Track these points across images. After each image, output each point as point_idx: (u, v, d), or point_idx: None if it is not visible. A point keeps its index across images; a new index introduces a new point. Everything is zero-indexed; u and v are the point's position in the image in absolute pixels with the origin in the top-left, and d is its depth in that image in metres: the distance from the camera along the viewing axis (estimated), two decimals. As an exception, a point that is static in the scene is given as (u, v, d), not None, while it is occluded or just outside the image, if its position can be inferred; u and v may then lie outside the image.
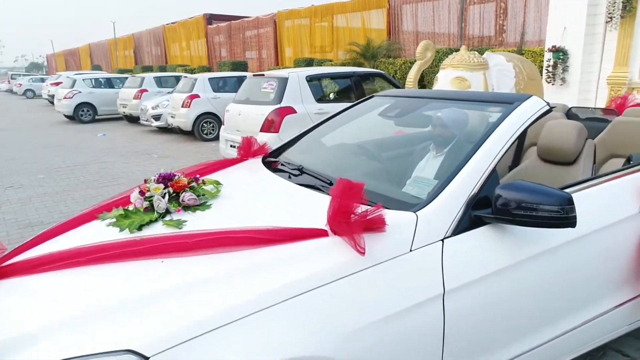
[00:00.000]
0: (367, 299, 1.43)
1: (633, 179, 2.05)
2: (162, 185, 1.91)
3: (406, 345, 1.49)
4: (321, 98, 6.13)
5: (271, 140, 3.38)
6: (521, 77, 5.19)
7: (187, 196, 1.89)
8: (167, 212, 1.86)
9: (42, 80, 28.82)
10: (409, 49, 12.84)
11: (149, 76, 13.94)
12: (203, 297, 1.32)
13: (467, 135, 2.13)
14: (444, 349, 1.57)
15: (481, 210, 1.65)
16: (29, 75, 36.94)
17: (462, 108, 2.33)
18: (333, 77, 6.45)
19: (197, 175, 2.06)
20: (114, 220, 1.80)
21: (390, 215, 1.59)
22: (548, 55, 7.33)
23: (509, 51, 9.25)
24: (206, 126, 10.43)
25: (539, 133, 3.11)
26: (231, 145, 6.28)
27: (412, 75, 4.66)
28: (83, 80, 15.07)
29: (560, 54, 7.11)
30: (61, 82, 16.91)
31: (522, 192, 1.58)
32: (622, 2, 6.26)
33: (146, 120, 12.13)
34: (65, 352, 1.20)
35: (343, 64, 12.28)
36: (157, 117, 11.78)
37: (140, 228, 1.75)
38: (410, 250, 1.53)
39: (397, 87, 6.84)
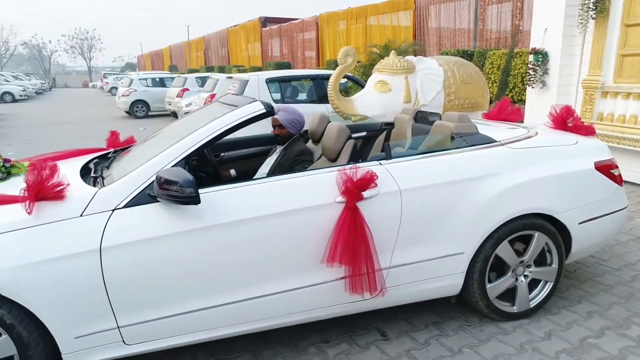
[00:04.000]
0: (32, 246, 1.99)
1: (334, 175, 2.36)
2: (-22, 164, 2.60)
3: (67, 285, 2.02)
4: (282, 99, 6.63)
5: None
6: (453, 80, 5.32)
7: (-10, 173, 2.56)
8: (-24, 183, 2.54)
9: (124, 79, 31.96)
10: (432, 50, 12.81)
11: (191, 76, 15.23)
12: None
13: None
14: (109, 295, 2.07)
15: (151, 190, 2.13)
16: (115, 74, 41.00)
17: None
18: (295, 79, 6.90)
19: (10, 159, 2.72)
20: None
21: (76, 190, 2.15)
22: (530, 58, 7.16)
23: (524, 52, 8.93)
24: (224, 123, 11.31)
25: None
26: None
27: (332, 80, 5.01)
28: (139, 79, 16.79)
29: (539, 56, 6.93)
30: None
31: (166, 174, 2.04)
32: (593, 2, 6.02)
33: (181, 117, 13.36)
34: None
35: (364, 66, 12.58)
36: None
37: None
38: (81, 215, 2.06)
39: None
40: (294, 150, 3.29)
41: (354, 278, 2.32)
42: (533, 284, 2.89)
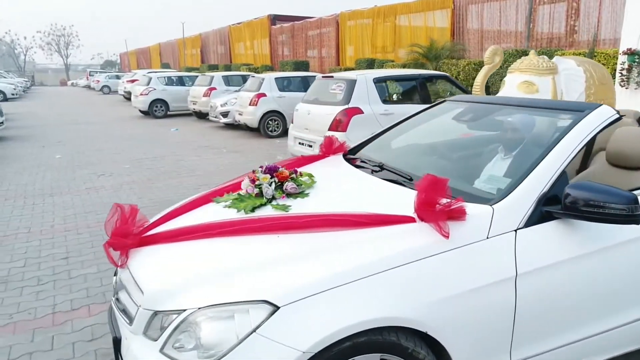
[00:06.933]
0: (450, 276, 1.69)
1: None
2: (269, 176, 2.26)
3: (480, 320, 1.73)
4: (387, 99, 6.39)
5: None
6: (592, 81, 5.16)
7: (289, 185, 2.23)
8: (273, 198, 2.21)
9: (118, 77, 30.93)
10: (474, 50, 12.74)
11: (218, 75, 14.74)
12: (321, 262, 1.65)
13: (536, 140, 2.32)
14: (514, 328, 1.79)
15: (551, 207, 1.86)
16: (105, 72, 39.66)
17: (533, 115, 2.51)
18: (399, 79, 6.67)
19: (296, 168, 2.40)
20: (230, 202, 2.17)
21: (470, 207, 1.85)
22: (622, 58, 7.14)
23: (580, 53, 9.01)
24: (271, 124, 10.97)
25: (606, 139, 3.19)
26: (299, 143, 6.67)
27: (480, 80, 4.77)
28: (157, 78, 16.16)
29: (635, 57, 6.91)
30: (137, 80, 18.17)
31: (590, 191, 1.78)
32: None
33: (215, 117, 12.87)
34: (211, 299, 1.57)
35: (404, 65, 12.41)
36: (225, 114, 12.48)
37: (253, 210, 2.11)
38: (487, 238, 1.78)
39: (462, 89, 6.94)
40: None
41: None
42: None
